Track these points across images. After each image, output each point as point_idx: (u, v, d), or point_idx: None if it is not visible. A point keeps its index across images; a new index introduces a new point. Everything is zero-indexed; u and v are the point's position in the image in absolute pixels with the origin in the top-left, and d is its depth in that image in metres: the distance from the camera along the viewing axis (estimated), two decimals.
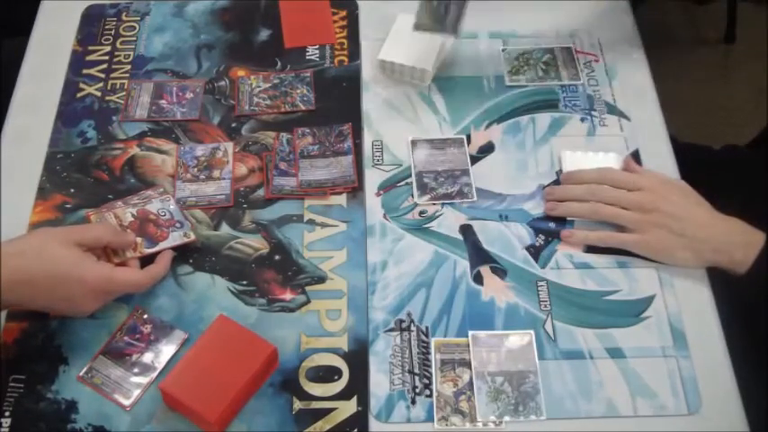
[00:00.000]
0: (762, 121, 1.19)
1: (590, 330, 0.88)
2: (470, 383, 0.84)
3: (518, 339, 0.87)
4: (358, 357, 0.87)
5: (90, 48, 1.12)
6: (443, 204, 0.98)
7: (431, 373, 0.85)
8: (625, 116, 1.05)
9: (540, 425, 0.82)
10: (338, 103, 1.07)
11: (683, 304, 0.91)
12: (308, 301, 0.90)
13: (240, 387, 0.81)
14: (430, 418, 0.83)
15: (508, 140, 1.04)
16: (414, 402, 0.84)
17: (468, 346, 0.87)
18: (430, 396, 0.84)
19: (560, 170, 1.01)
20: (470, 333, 0.87)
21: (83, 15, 1.16)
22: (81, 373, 0.85)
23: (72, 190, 0.98)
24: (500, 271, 0.93)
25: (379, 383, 0.85)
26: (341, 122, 1.04)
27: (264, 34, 1.14)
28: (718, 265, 0.90)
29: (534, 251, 0.94)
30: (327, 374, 0.85)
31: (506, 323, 0.89)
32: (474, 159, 1.02)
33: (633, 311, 0.90)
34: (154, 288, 0.90)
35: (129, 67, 1.10)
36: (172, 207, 0.94)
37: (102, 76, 1.09)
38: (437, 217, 0.97)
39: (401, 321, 0.89)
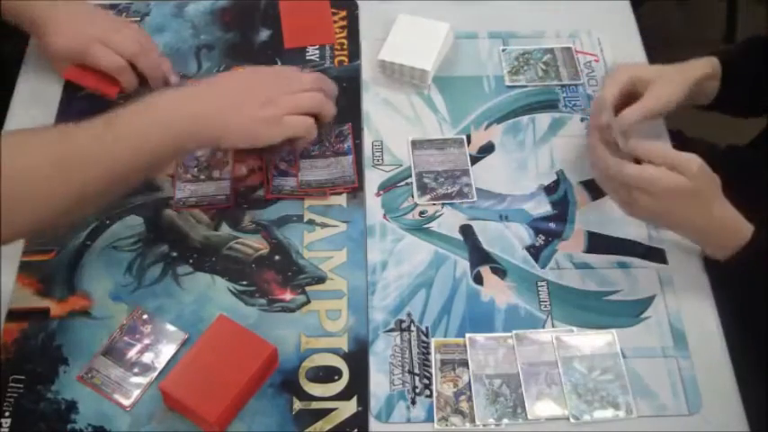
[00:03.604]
0: (762, 121, 1.18)
1: (590, 330, 0.88)
2: (470, 384, 0.84)
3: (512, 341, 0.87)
4: (358, 357, 0.87)
5: None
6: (443, 204, 0.98)
7: (431, 374, 0.85)
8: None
9: (540, 425, 0.82)
10: (338, 103, 1.07)
11: (683, 304, 0.91)
12: (308, 302, 0.90)
13: (240, 387, 0.81)
14: (430, 419, 0.83)
15: (508, 140, 1.04)
16: (414, 402, 0.84)
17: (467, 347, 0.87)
18: (430, 396, 0.84)
19: (561, 170, 1.01)
20: (467, 336, 0.87)
21: None
22: (81, 373, 0.85)
23: None
24: (500, 271, 0.93)
25: (379, 384, 0.85)
26: (341, 122, 1.04)
27: (264, 34, 1.14)
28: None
29: (534, 251, 0.94)
30: (327, 374, 0.85)
31: (506, 324, 0.89)
32: (474, 159, 1.02)
33: (633, 311, 0.90)
34: (154, 288, 0.91)
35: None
36: None
37: None
38: (437, 217, 0.97)
39: (401, 321, 0.89)
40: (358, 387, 0.85)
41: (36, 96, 1.06)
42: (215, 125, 0.87)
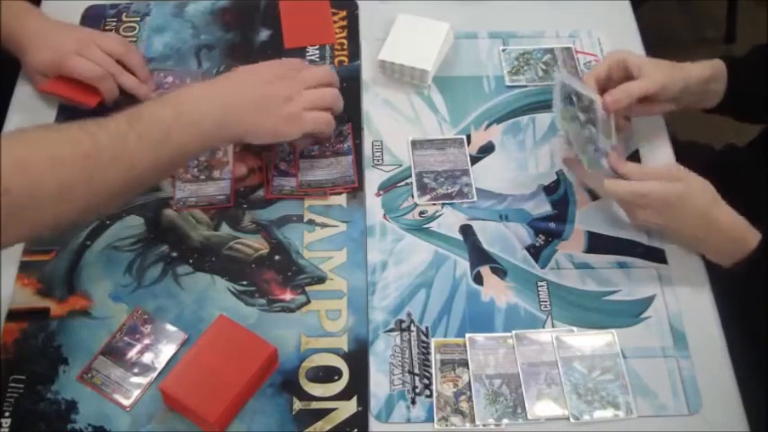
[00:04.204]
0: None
1: (590, 330, 0.88)
2: (470, 384, 0.84)
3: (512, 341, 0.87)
4: (358, 357, 0.87)
5: None
6: (443, 204, 0.98)
7: (431, 374, 0.85)
8: (625, 116, 1.05)
9: (540, 425, 0.82)
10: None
11: (683, 304, 0.91)
12: (308, 302, 0.90)
13: (240, 387, 0.81)
14: (430, 419, 0.83)
15: (508, 140, 1.04)
16: (414, 403, 0.84)
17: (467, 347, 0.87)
18: (430, 396, 0.84)
19: (561, 170, 1.01)
20: (467, 336, 0.87)
21: (83, 16, 1.15)
22: (81, 373, 0.85)
23: None
24: (500, 271, 0.93)
25: (379, 384, 0.85)
26: (341, 122, 1.04)
27: (264, 34, 1.14)
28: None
29: (534, 251, 0.94)
30: (327, 374, 0.85)
31: (506, 323, 0.89)
32: (474, 159, 1.02)
33: (633, 311, 0.90)
34: (153, 288, 0.91)
35: None
36: None
37: None
38: (437, 217, 0.97)
39: (401, 321, 0.89)
40: (358, 387, 0.85)
41: (35, 99, 1.06)
42: (242, 121, 0.88)
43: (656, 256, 0.94)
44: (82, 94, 1.01)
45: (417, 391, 0.84)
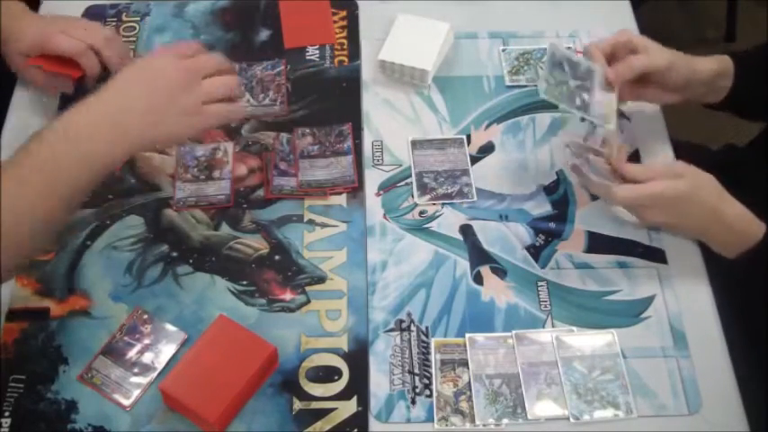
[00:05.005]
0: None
1: (590, 330, 0.88)
2: (470, 384, 0.84)
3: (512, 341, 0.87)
4: (358, 357, 0.87)
5: None
6: (443, 204, 0.98)
7: (431, 374, 0.85)
8: (625, 116, 1.05)
9: (540, 425, 0.82)
10: (338, 103, 1.07)
11: (683, 304, 0.91)
12: (308, 302, 0.90)
13: (240, 387, 0.81)
14: (430, 419, 0.83)
15: (508, 140, 1.04)
16: (414, 402, 0.84)
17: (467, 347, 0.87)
18: (430, 396, 0.84)
19: (561, 170, 1.01)
20: (467, 335, 0.87)
21: (83, 16, 1.15)
22: (81, 373, 0.85)
23: None
24: (500, 271, 0.93)
25: (379, 383, 0.85)
26: (341, 122, 1.04)
27: (264, 34, 1.14)
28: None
29: (534, 251, 0.94)
30: (327, 374, 0.85)
31: (506, 323, 0.89)
32: (474, 159, 1.02)
33: (633, 311, 0.90)
34: (153, 288, 0.91)
35: None
36: None
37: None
38: (437, 217, 0.97)
39: (401, 321, 0.89)
40: (358, 387, 0.85)
41: (35, 100, 1.06)
42: (133, 126, 0.81)
43: (656, 256, 0.94)
44: (64, 68, 1.01)
45: (417, 390, 0.84)
